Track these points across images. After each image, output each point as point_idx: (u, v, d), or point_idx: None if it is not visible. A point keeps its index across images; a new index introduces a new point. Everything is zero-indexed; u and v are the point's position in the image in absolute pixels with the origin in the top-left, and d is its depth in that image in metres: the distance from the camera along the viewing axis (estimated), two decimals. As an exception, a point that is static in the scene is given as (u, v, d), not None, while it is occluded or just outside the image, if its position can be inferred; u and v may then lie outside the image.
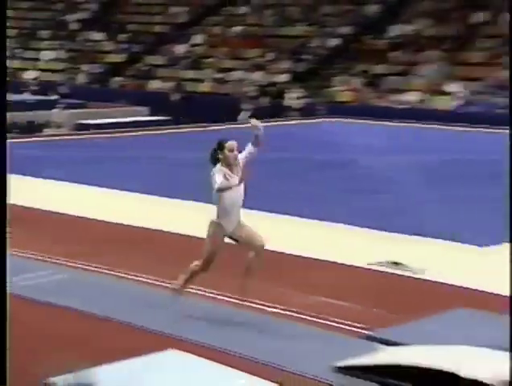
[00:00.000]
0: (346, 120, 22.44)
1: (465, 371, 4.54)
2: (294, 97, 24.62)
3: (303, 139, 19.61)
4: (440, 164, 15.01)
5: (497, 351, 5.01)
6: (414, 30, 26.04)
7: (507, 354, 4.95)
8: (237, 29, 29.98)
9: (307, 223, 9.73)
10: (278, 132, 21.30)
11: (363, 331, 5.88)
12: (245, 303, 6.40)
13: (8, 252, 3.92)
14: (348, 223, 9.62)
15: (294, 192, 12.03)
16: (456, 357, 4.78)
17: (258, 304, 6.53)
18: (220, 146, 6.34)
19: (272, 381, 4.78)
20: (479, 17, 25.00)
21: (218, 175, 6.19)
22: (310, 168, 14.71)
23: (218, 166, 6.27)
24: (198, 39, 30.52)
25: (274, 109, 23.92)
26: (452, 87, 23.10)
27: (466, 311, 6.33)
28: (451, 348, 4.98)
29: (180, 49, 30.08)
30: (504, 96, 21.85)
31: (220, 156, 6.30)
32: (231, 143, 6.37)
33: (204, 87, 27.51)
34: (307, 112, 23.86)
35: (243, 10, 31.27)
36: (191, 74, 28.40)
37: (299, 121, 23.13)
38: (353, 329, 5.99)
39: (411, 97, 23.58)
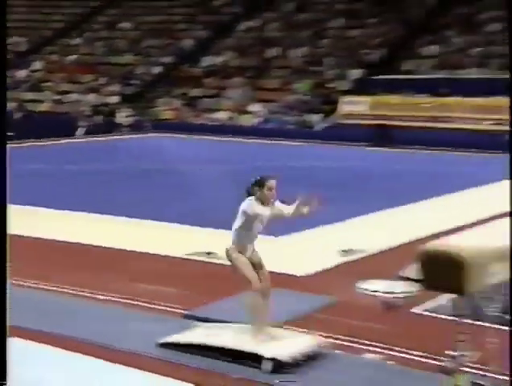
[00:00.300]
0: (168, 134, 22.44)
1: (264, 351, 4.63)
2: (123, 116, 24.27)
3: (133, 151, 19.37)
4: (247, 170, 15.33)
5: (290, 331, 5.13)
6: (222, 61, 26.47)
7: (307, 336, 5.08)
8: (72, 57, 29.11)
9: (136, 223, 9.60)
10: (110, 145, 20.94)
11: (183, 311, 5.89)
12: (82, 293, 6.23)
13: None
14: (171, 221, 9.59)
15: (126, 197, 11.85)
16: (256, 338, 4.83)
17: (93, 293, 6.37)
18: (260, 184, 5.16)
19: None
20: (272, 52, 25.86)
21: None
22: (139, 175, 14.56)
23: (253, 202, 5.10)
24: (37, 65, 29.30)
25: (106, 126, 23.48)
26: (254, 107, 23.72)
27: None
28: (258, 329, 5.00)
29: (21, 74, 28.73)
30: (293, 115, 22.82)
31: (257, 192, 5.14)
32: (272, 182, 5.15)
33: (44, 107, 26.44)
34: (135, 128, 23.63)
35: (77, 41, 30.41)
36: (31, 96, 27.20)
37: (128, 136, 22.82)
38: (176, 310, 5.98)
39: (222, 115, 23.95)
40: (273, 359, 4.55)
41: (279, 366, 4.56)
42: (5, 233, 3.16)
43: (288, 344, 4.80)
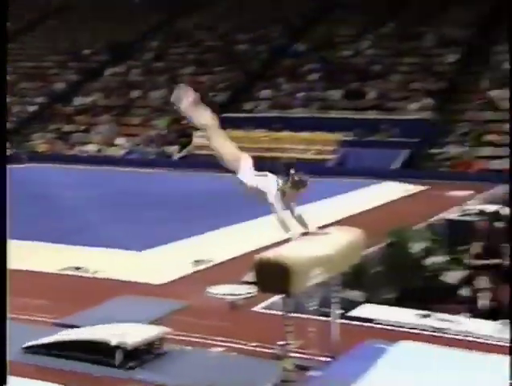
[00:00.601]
0: (43, 165, 21.35)
1: (115, 340, 4.54)
2: (1, 148, 22.77)
3: (12, 180, 18.15)
4: (112, 195, 14.90)
5: (145, 324, 5.08)
6: (91, 100, 25.76)
7: (152, 326, 5.02)
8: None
9: (12, 243, 8.94)
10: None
11: (53, 321, 5.57)
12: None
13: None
14: (44, 241, 9.07)
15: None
16: (113, 331, 4.75)
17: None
18: (295, 185, 4.18)
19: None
20: (135, 93, 25.61)
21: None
22: (15, 200, 13.64)
23: (279, 195, 4.22)
24: None
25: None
26: (120, 140, 23.24)
27: (129, 297, 6.33)
28: (112, 326, 4.93)
29: None
30: (153, 147, 22.62)
31: (288, 187, 4.21)
32: (304, 190, 4.22)
33: None
34: (12, 159, 22.19)
35: (-44, 81, 28.18)
36: None
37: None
38: (47, 320, 5.64)
39: (92, 148, 23.22)
40: (119, 347, 4.43)
41: (129, 353, 4.43)
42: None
43: (135, 333, 4.72)
